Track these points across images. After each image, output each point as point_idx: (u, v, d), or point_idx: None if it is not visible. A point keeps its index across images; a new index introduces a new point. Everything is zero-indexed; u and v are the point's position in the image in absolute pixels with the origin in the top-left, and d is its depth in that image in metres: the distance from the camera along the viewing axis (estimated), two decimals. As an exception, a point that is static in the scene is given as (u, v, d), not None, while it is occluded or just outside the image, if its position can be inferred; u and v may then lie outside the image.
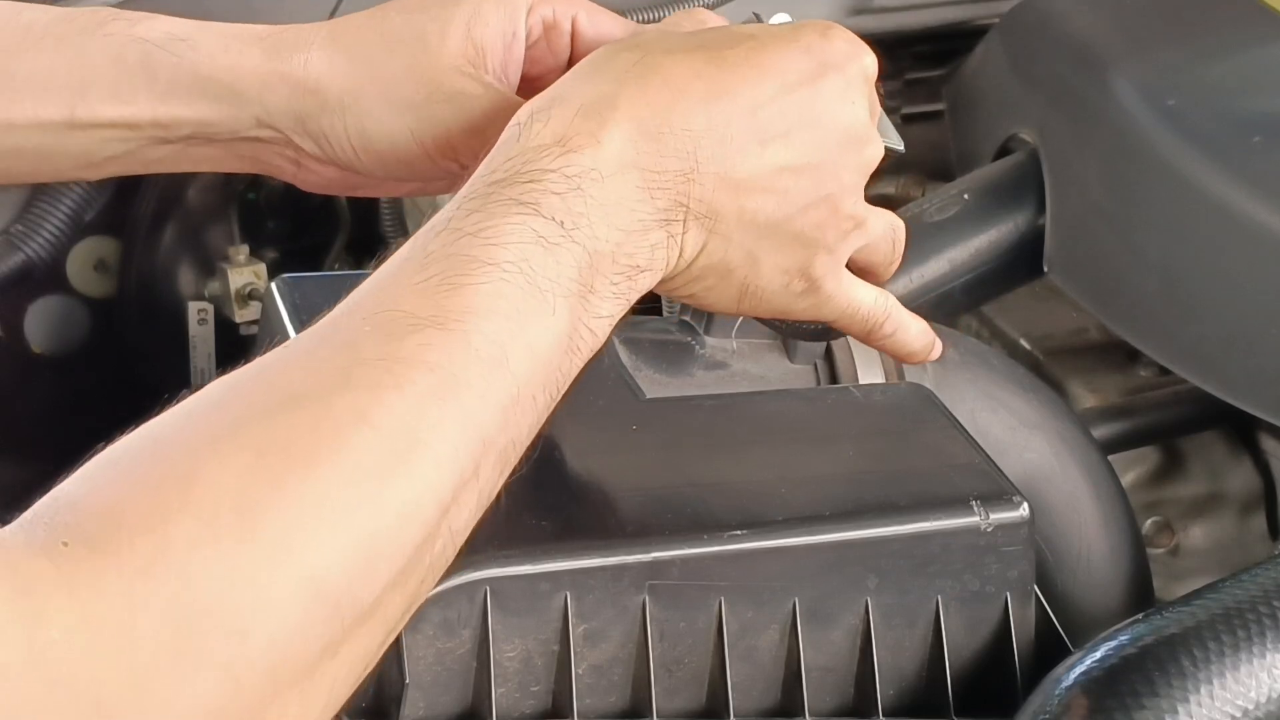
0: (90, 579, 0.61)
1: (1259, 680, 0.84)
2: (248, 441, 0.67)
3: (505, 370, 0.72)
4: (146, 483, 0.65)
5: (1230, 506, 1.32)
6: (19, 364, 1.46)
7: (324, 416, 0.68)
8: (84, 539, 0.62)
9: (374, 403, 0.69)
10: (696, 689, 0.86)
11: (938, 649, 0.89)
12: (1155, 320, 1.21)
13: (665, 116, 0.80)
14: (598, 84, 0.80)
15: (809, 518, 0.87)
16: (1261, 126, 1.22)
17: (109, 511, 0.64)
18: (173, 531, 0.63)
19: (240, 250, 1.45)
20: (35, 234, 1.42)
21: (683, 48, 0.82)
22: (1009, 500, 0.90)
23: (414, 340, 0.71)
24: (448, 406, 0.70)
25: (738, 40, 0.83)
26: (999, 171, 1.34)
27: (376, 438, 0.68)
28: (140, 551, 0.62)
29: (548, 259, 0.75)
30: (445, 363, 0.71)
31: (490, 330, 0.72)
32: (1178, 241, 1.20)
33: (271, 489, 0.66)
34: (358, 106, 0.92)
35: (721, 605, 0.85)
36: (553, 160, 0.77)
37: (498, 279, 0.73)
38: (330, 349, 0.72)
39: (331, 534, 0.66)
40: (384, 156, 0.92)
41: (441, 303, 0.72)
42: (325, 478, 0.67)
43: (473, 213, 0.76)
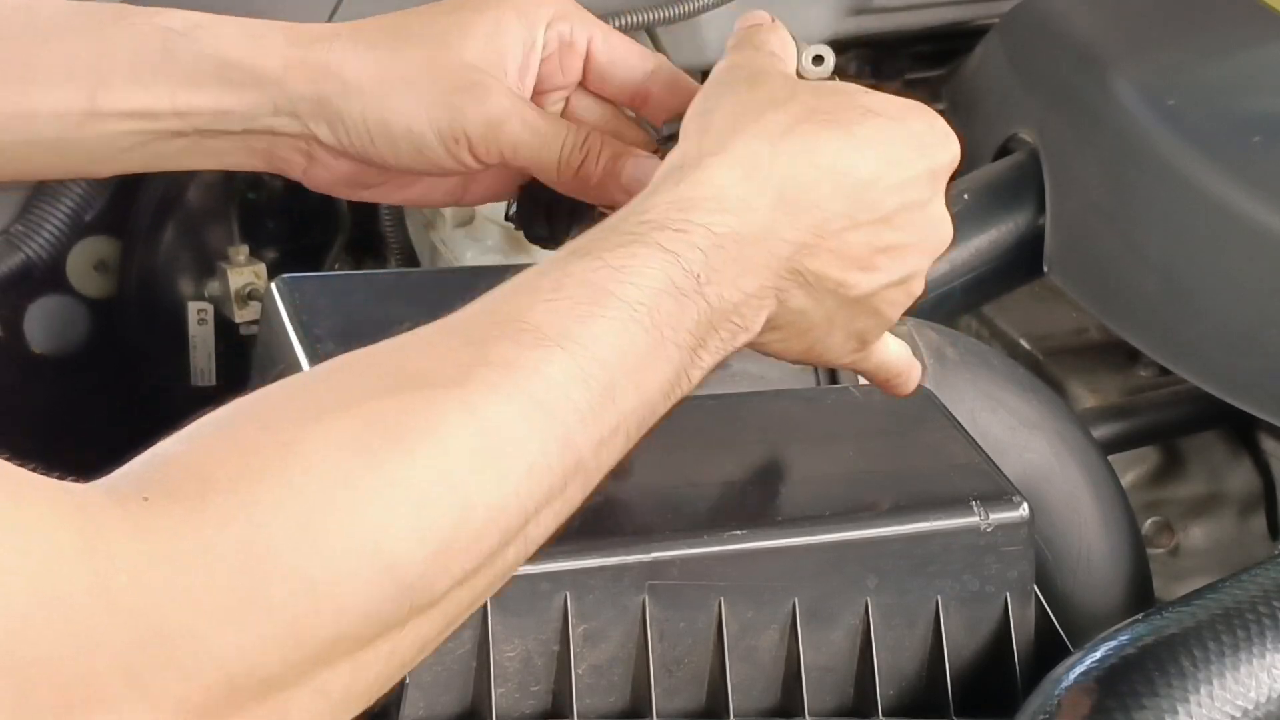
0: (166, 526, 0.63)
1: (1259, 680, 0.84)
2: (354, 415, 0.69)
3: (611, 402, 0.75)
4: (243, 445, 0.67)
5: (1230, 506, 1.32)
6: (19, 364, 1.46)
7: (434, 403, 0.70)
8: (167, 492, 0.64)
9: (485, 403, 0.71)
10: (696, 689, 0.86)
11: (937, 649, 0.89)
12: (1155, 320, 1.21)
13: (805, 190, 0.82)
14: (756, 145, 0.82)
15: (809, 518, 0.87)
16: (1261, 126, 1.22)
17: (200, 468, 0.65)
18: (259, 492, 0.65)
19: (240, 250, 1.45)
20: (35, 234, 1.42)
21: (818, 117, 0.84)
22: (1009, 500, 0.90)
23: (536, 354, 0.73)
24: (552, 423, 0.72)
25: (863, 116, 0.85)
26: (999, 171, 1.34)
27: (480, 436, 0.70)
28: (220, 506, 0.64)
29: (675, 308, 0.77)
30: (560, 382, 0.73)
31: (608, 363, 0.75)
32: (1178, 241, 1.20)
33: (367, 466, 0.67)
34: (378, 92, 0.93)
35: (721, 605, 0.85)
36: (704, 215, 0.80)
37: (627, 317, 0.76)
38: (456, 342, 0.74)
39: (415, 521, 0.68)
40: (400, 144, 0.93)
41: (570, 326, 0.75)
42: (422, 464, 0.68)
43: (619, 247, 0.78)
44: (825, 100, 0.85)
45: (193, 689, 0.62)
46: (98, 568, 0.60)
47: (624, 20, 1.41)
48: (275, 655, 0.64)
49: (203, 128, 0.95)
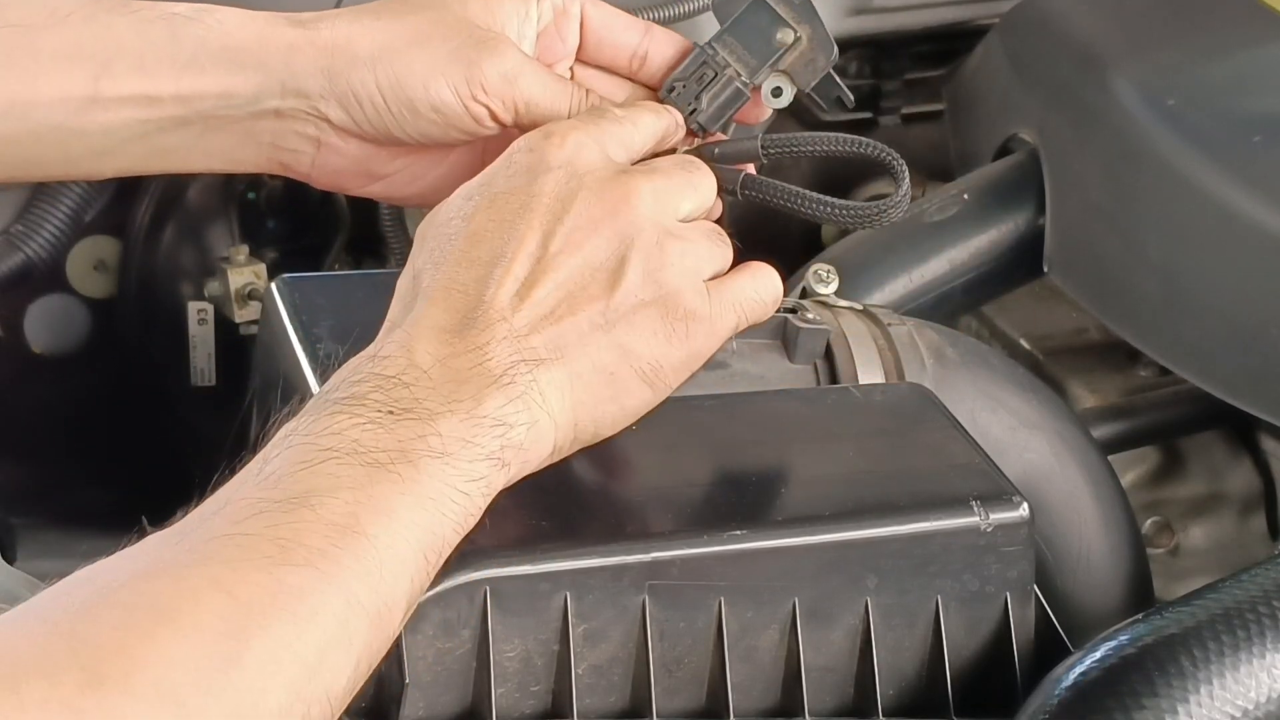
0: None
1: (1259, 680, 0.84)
2: (116, 602, 0.69)
3: (360, 536, 0.74)
4: (34, 638, 0.68)
5: (1230, 506, 1.32)
6: (19, 364, 1.46)
7: (183, 582, 0.70)
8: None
9: (227, 572, 0.71)
10: (696, 689, 0.86)
11: (938, 649, 0.89)
12: (1155, 320, 1.21)
13: (459, 301, 0.83)
14: (402, 300, 0.86)
15: (809, 518, 0.87)
16: (1261, 126, 1.22)
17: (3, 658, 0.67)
18: (62, 678, 0.66)
19: (240, 250, 1.45)
20: (35, 234, 1.42)
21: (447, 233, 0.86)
22: (1009, 500, 0.90)
23: (262, 521, 0.73)
24: (301, 571, 0.72)
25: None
26: (999, 171, 1.34)
27: (231, 603, 0.70)
28: (32, 697, 0.65)
29: (381, 435, 0.77)
30: (293, 535, 0.73)
31: (335, 502, 0.74)
32: (1178, 241, 1.20)
33: (144, 641, 0.68)
34: (390, 56, 0.93)
35: (721, 605, 0.85)
36: (371, 367, 0.81)
37: (332, 461, 0.76)
38: (182, 533, 0.74)
39: (201, 689, 0.68)
40: (418, 106, 0.93)
41: (285, 488, 0.75)
42: (188, 636, 0.69)
43: (305, 423, 0.79)
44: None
45: None
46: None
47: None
48: None
49: (207, 112, 0.95)
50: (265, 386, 1.05)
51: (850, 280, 1.21)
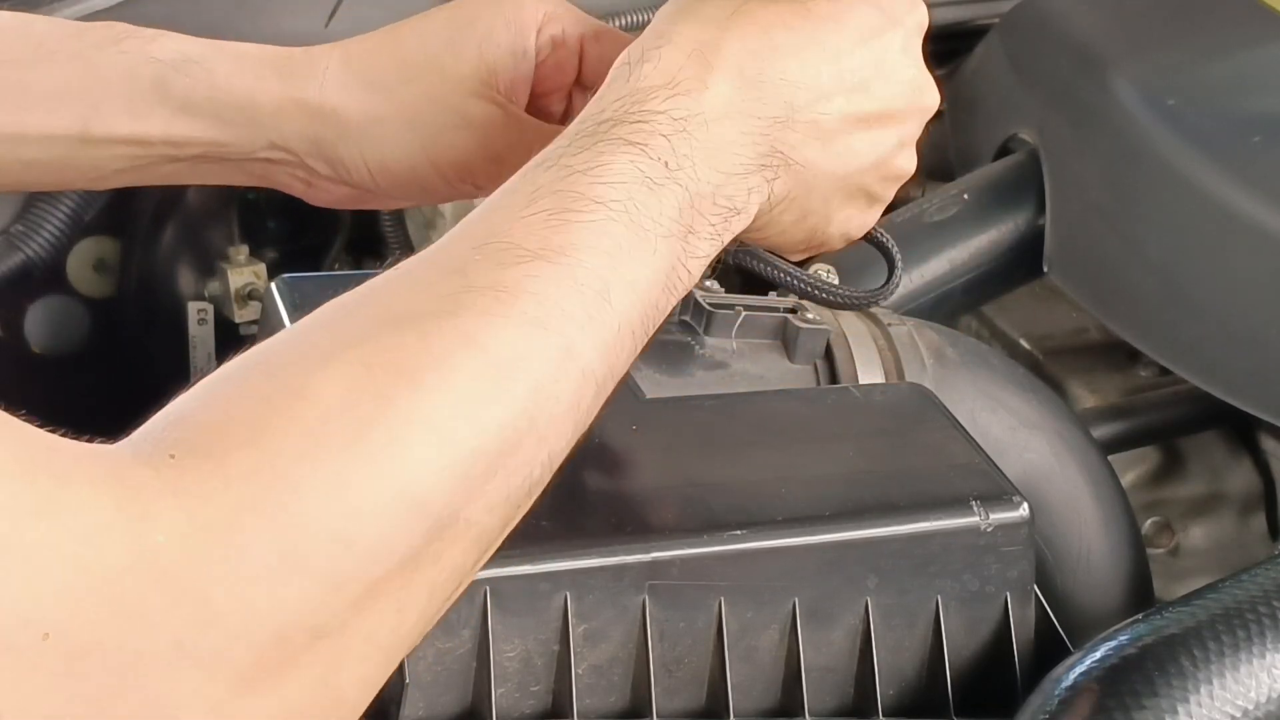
0: (197, 486, 0.63)
1: (1259, 680, 0.84)
2: (356, 357, 0.69)
3: (607, 305, 0.74)
4: (255, 396, 0.67)
5: (1230, 506, 1.32)
6: (19, 364, 1.46)
7: (432, 337, 0.70)
8: (190, 450, 0.64)
9: (480, 327, 0.71)
10: (696, 689, 0.86)
11: (938, 649, 0.88)
12: (1155, 320, 1.21)
13: (765, 64, 0.82)
14: (702, 28, 0.82)
15: (809, 518, 0.87)
16: (1261, 126, 1.22)
17: (216, 424, 0.66)
18: (279, 442, 0.65)
19: (240, 250, 1.45)
20: (35, 234, 1.41)
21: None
22: (1009, 500, 0.90)
23: (520, 271, 0.73)
24: (550, 335, 0.72)
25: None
26: (999, 171, 1.34)
27: (481, 360, 0.70)
28: (246, 461, 0.64)
29: (651, 199, 0.77)
30: (550, 294, 0.73)
31: (594, 265, 0.74)
32: (1178, 241, 1.20)
33: (378, 404, 0.67)
34: (376, 133, 0.93)
35: (721, 605, 0.85)
36: (661, 102, 0.79)
37: (604, 217, 0.75)
38: (439, 273, 0.74)
39: (433, 450, 0.68)
40: (401, 180, 0.94)
41: (549, 237, 0.74)
42: (430, 396, 0.69)
43: (582, 150, 0.77)
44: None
45: (240, 649, 0.62)
46: (137, 537, 0.61)
47: (624, 20, 1.41)
48: (317, 605, 0.64)
49: (198, 154, 0.96)
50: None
51: (850, 280, 1.21)
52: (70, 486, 0.61)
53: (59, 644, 0.59)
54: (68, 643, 0.59)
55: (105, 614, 0.60)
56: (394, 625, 0.67)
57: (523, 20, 0.95)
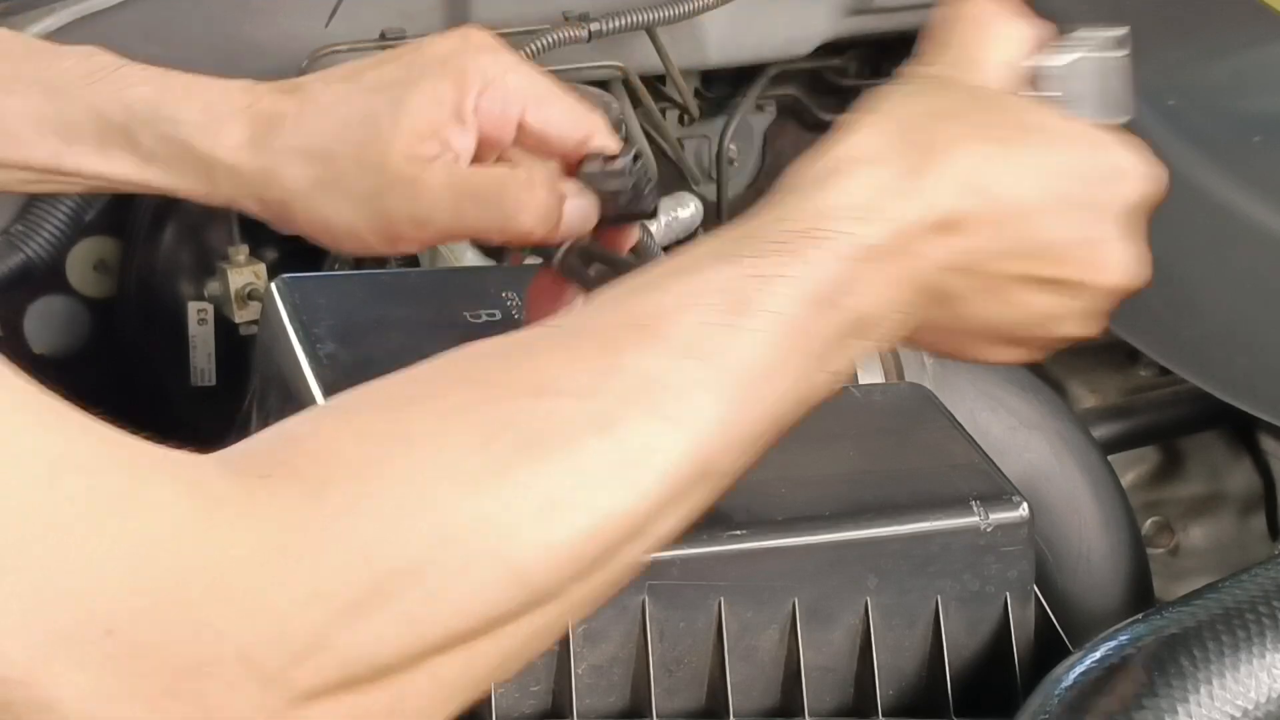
0: (284, 508, 0.63)
1: (1258, 680, 0.83)
2: (481, 419, 0.68)
3: (743, 415, 0.73)
4: (368, 433, 0.67)
5: (1230, 506, 1.32)
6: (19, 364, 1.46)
7: (566, 414, 0.69)
8: (289, 472, 0.64)
9: (618, 415, 0.70)
10: (696, 689, 0.86)
11: (937, 649, 0.88)
12: (1155, 320, 1.21)
13: (957, 212, 0.79)
14: (909, 154, 0.79)
15: (809, 518, 0.87)
16: (1261, 126, 1.22)
17: (324, 452, 0.66)
18: (382, 484, 0.65)
19: (240, 250, 1.45)
20: (35, 234, 1.41)
21: (985, 134, 0.80)
22: (1009, 500, 0.90)
23: (670, 365, 0.72)
24: (684, 435, 0.71)
25: (1035, 137, 0.81)
26: (999, 171, 1.34)
27: (612, 448, 0.69)
28: (346, 493, 0.64)
29: (814, 320, 0.75)
30: (693, 395, 0.72)
31: (743, 374, 0.73)
32: (1178, 241, 1.20)
33: (495, 470, 0.67)
34: (315, 199, 0.94)
35: (721, 605, 0.85)
36: (850, 224, 0.77)
37: (764, 329, 0.74)
38: (588, 348, 0.73)
39: (541, 528, 0.67)
40: (341, 240, 0.95)
41: (707, 337, 0.73)
42: (551, 473, 0.68)
43: (760, 255, 0.76)
44: (1001, 116, 0.82)
45: (306, 672, 0.62)
46: (213, 546, 0.61)
47: (624, 20, 1.41)
48: (391, 646, 0.64)
49: (167, 192, 0.98)
50: (265, 386, 1.05)
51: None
52: (150, 487, 0.61)
53: (121, 640, 0.59)
54: (129, 640, 0.59)
55: (170, 616, 0.60)
56: (462, 671, 0.67)
57: (465, 81, 0.94)
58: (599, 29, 1.40)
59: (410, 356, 1.00)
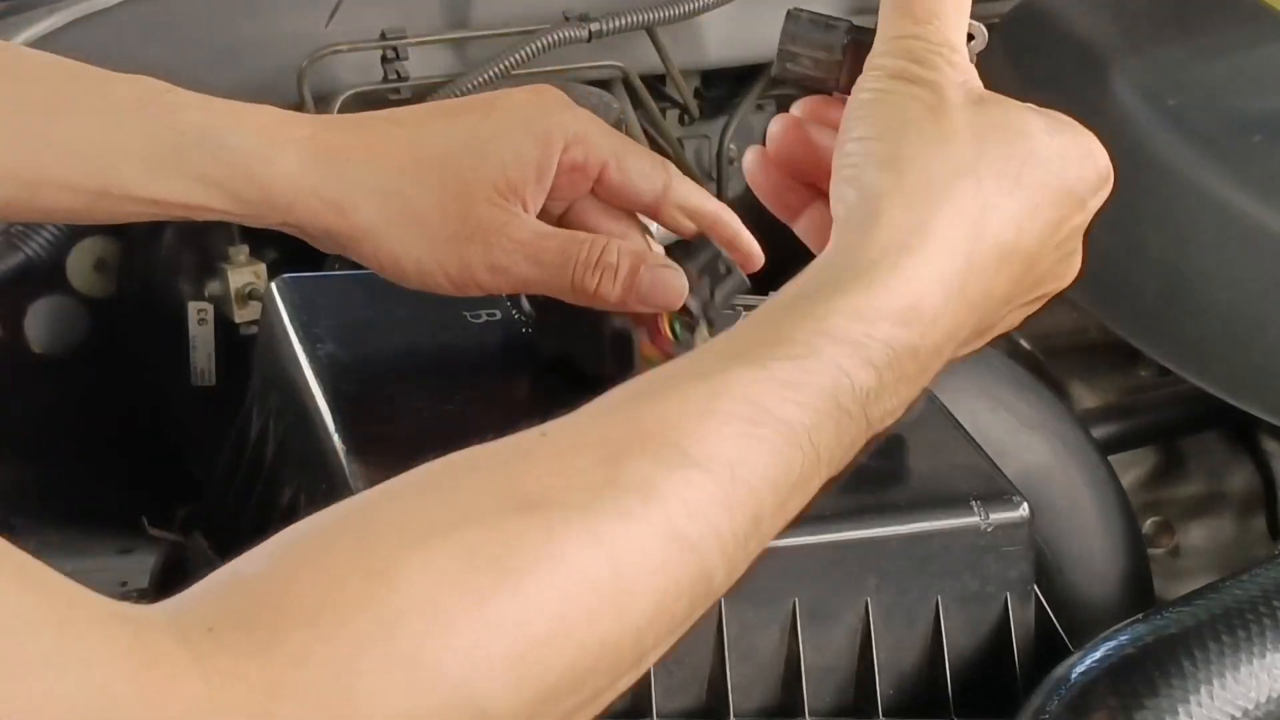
0: (231, 665, 0.58)
1: (1259, 680, 0.84)
2: (461, 541, 0.63)
3: (755, 530, 0.70)
4: (332, 571, 0.62)
5: (1230, 506, 1.32)
6: (19, 364, 1.46)
7: (557, 530, 0.64)
8: (238, 622, 0.59)
9: (614, 532, 0.65)
10: (697, 688, 0.86)
11: (938, 649, 0.88)
12: (1155, 320, 1.21)
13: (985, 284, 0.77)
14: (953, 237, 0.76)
15: (809, 517, 0.87)
16: (1261, 126, 1.22)
17: (279, 596, 0.61)
18: (343, 629, 0.60)
19: (240, 250, 1.45)
20: (35, 234, 1.41)
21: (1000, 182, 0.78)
22: (1009, 500, 0.90)
23: (678, 477, 0.67)
24: (690, 555, 0.67)
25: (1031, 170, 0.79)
26: (999, 171, 1.34)
27: (605, 569, 0.65)
28: (298, 642, 0.59)
29: (836, 430, 0.72)
30: (704, 510, 0.67)
31: (758, 490, 0.69)
32: (1178, 241, 1.20)
33: (468, 604, 0.62)
34: (388, 235, 0.92)
35: (722, 605, 0.85)
36: (888, 329, 0.73)
37: (784, 442, 0.70)
38: (588, 457, 0.67)
39: (515, 667, 0.62)
40: (409, 277, 0.93)
41: (721, 447, 0.69)
42: (530, 603, 0.63)
43: (788, 359, 0.71)
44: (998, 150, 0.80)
45: None
46: (147, 708, 0.56)
47: (624, 20, 1.41)
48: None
49: (214, 216, 0.95)
50: (265, 386, 1.05)
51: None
52: (86, 643, 0.57)
53: None
54: None
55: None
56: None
57: (550, 140, 0.93)
58: (599, 29, 1.40)
59: (410, 356, 1.00)
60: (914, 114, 0.79)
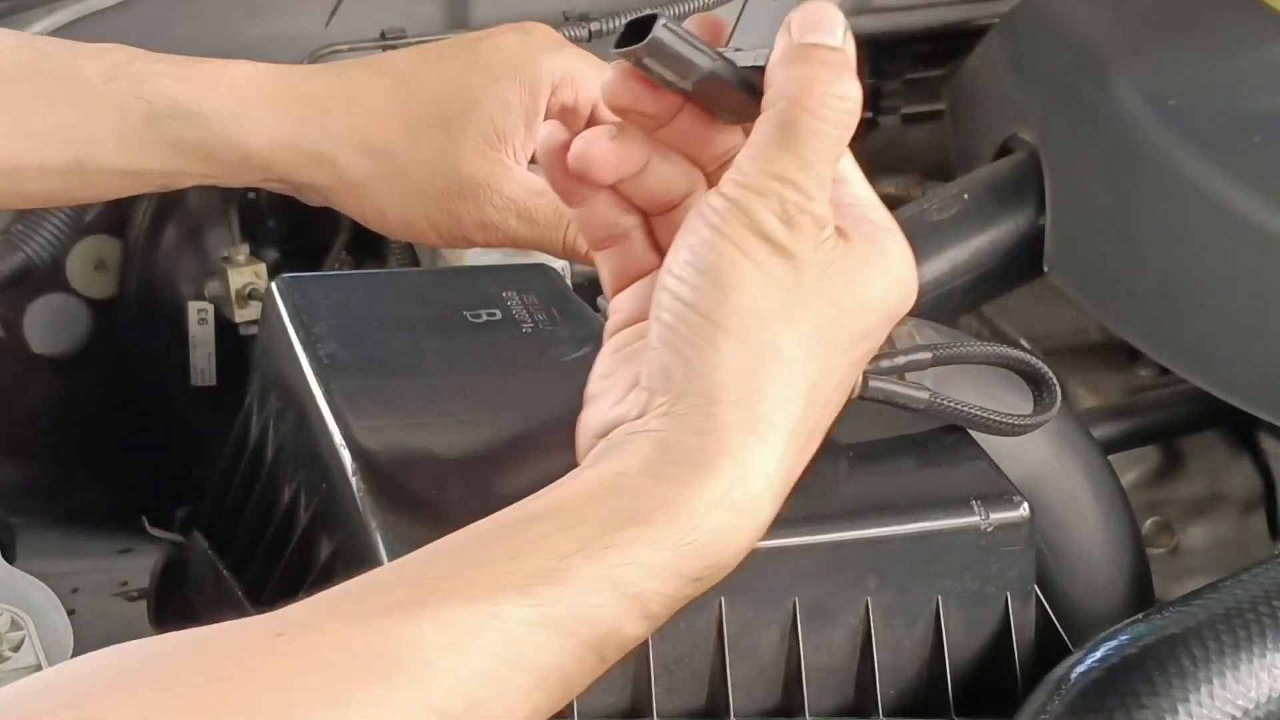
0: None
1: (1259, 680, 0.84)
2: None
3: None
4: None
5: (1230, 506, 1.32)
6: (19, 364, 1.46)
7: None
8: None
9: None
10: (697, 689, 0.86)
11: (938, 649, 0.88)
12: (1155, 320, 1.21)
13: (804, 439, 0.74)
14: (785, 480, 0.74)
15: (809, 517, 0.87)
16: (1261, 126, 1.22)
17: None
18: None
19: (240, 250, 1.45)
20: (35, 233, 1.42)
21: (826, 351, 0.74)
22: (1009, 500, 0.90)
23: (362, 690, 0.60)
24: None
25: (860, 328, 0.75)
26: (999, 171, 1.34)
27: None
28: None
29: (590, 673, 0.68)
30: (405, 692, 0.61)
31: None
32: (1178, 241, 1.20)
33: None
34: (373, 191, 0.92)
35: (722, 605, 0.85)
36: (686, 584, 0.70)
37: (532, 686, 0.65)
38: (318, 677, 0.60)
39: None
40: (394, 229, 0.93)
41: (463, 689, 0.63)
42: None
43: (566, 605, 0.66)
44: (837, 335, 0.74)
45: None
46: None
47: (624, 20, 1.41)
48: None
49: (192, 182, 0.96)
50: (265, 386, 1.05)
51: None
52: None
53: None
54: None
55: None
56: None
57: (538, 84, 0.91)
58: (599, 29, 1.40)
59: (410, 356, 1.00)
60: (758, 293, 0.72)
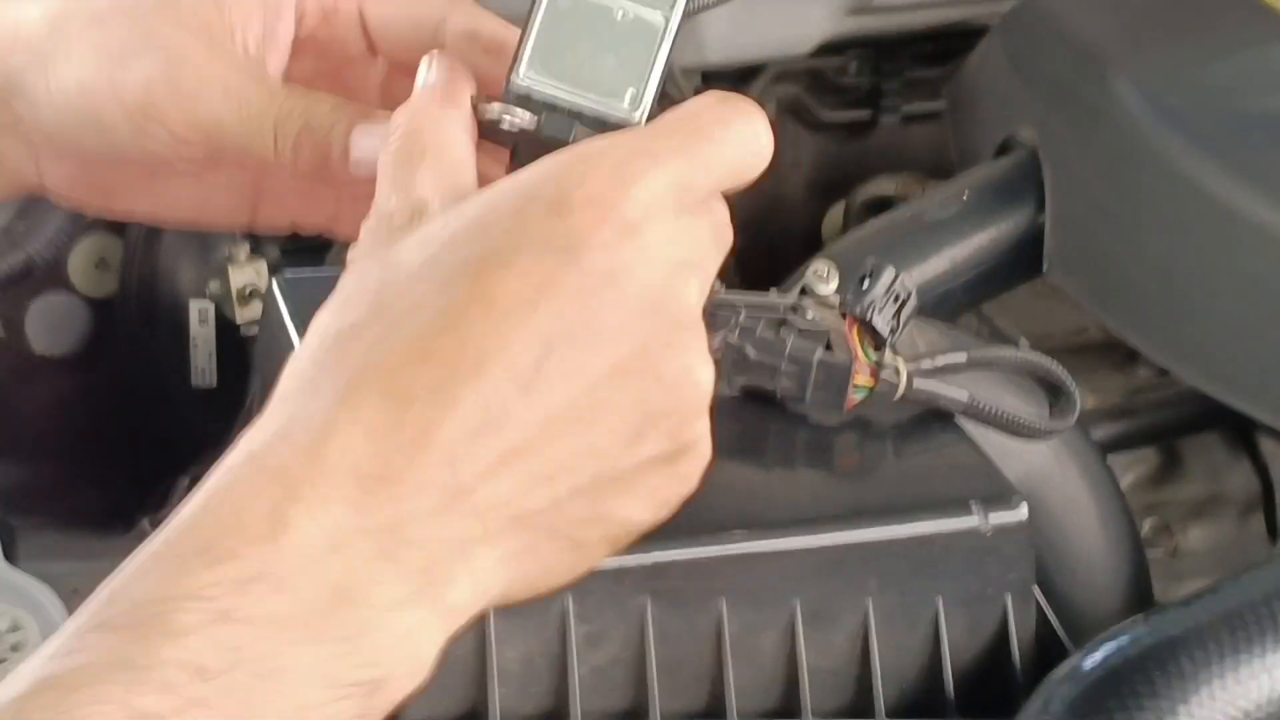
0: None
1: (1259, 682, 0.84)
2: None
3: None
4: None
5: (1229, 508, 1.32)
6: (19, 364, 1.46)
7: None
8: None
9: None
10: (698, 690, 0.86)
11: (938, 650, 0.89)
12: (1155, 320, 1.21)
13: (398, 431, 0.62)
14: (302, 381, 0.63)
15: (809, 520, 0.87)
16: (1261, 126, 1.22)
17: None
18: None
19: (242, 248, 1.45)
20: (36, 232, 1.42)
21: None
22: (1009, 501, 0.90)
23: None
24: None
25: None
26: (999, 171, 1.34)
27: None
28: None
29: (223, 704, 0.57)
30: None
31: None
32: (1178, 241, 1.20)
33: None
34: (58, 51, 0.75)
35: (723, 607, 0.85)
36: (236, 534, 0.60)
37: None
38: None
39: None
40: (80, 113, 0.75)
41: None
42: None
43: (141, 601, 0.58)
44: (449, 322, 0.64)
45: None
46: None
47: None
48: None
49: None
50: (265, 386, 1.05)
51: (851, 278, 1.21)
52: None
53: None
54: None
55: None
56: None
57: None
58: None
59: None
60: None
